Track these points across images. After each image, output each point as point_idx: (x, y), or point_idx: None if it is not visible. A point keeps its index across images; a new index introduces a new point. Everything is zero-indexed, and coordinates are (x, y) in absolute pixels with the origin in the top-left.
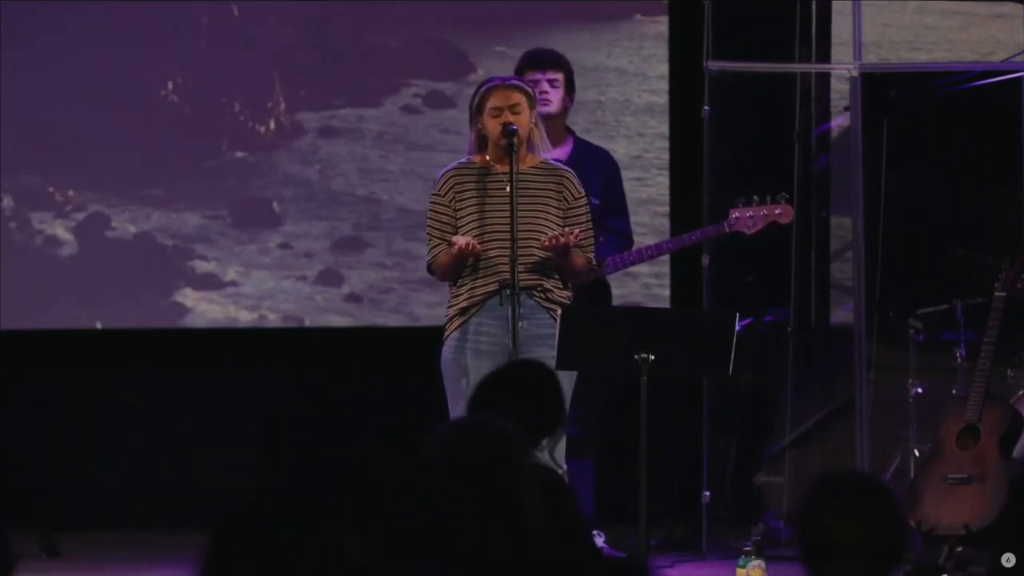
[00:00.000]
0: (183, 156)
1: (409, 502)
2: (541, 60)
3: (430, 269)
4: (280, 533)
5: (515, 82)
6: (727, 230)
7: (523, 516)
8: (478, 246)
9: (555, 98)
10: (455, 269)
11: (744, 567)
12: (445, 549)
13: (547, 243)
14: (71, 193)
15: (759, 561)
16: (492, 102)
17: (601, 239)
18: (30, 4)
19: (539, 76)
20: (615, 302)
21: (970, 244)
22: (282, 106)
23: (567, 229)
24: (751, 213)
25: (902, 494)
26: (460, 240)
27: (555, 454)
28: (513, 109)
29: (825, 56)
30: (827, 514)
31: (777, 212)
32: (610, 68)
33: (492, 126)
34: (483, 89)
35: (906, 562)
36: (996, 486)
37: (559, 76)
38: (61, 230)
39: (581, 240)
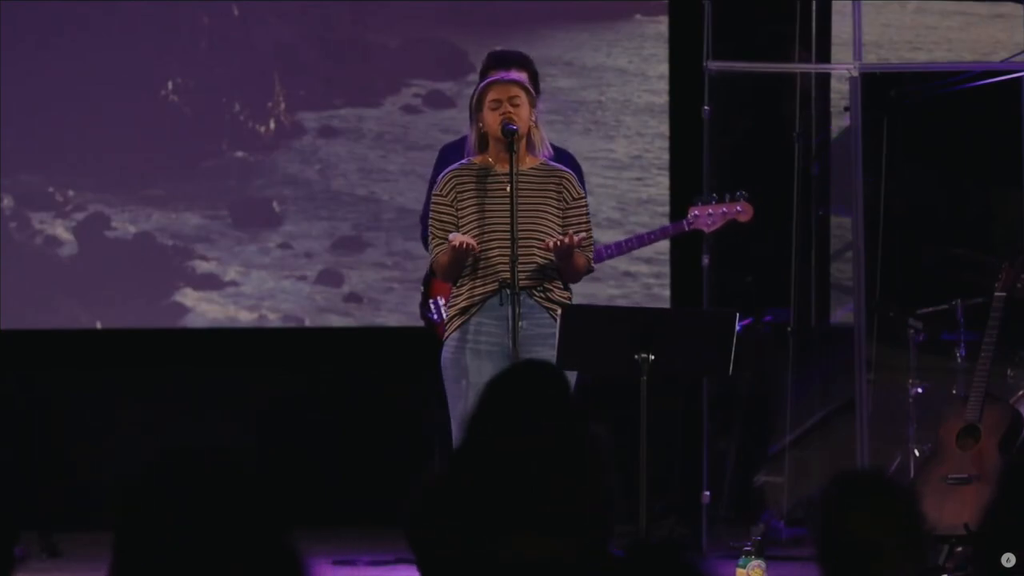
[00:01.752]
0: (183, 156)
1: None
2: (503, 59)
3: (432, 271)
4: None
5: (514, 78)
6: (687, 228)
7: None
8: (475, 244)
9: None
10: (454, 268)
11: (744, 567)
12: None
13: (551, 246)
14: (71, 193)
15: (759, 561)
16: (491, 96)
17: None
18: (30, 4)
19: (501, 74)
20: (615, 302)
21: (970, 244)
22: (282, 106)
23: (570, 232)
24: (710, 211)
25: None
26: (456, 238)
27: None
28: (512, 101)
29: (825, 56)
30: (852, 517)
31: (737, 210)
32: (610, 68)
33: (492, 119)
34: (481, 85)
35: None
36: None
37: (522, 76)
38: (61, 230)
39: (582, 242)
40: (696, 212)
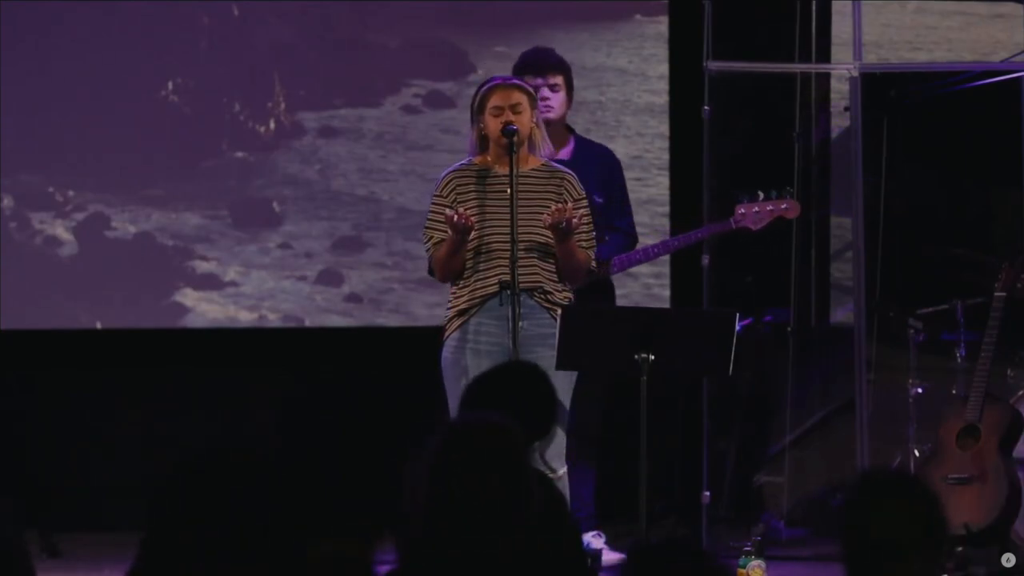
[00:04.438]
0: (183, 156)
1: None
2: (540, 65)
3: (431, 271)
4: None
5: (516, 81)
6: (733, 227)
7: (526, 517)
8: (471, 219)
9: (556, 103)
10: (452, 259)
11: (744, 567)
12: (443, 551)
13: (549, 218)
14: (71, 193)
15: (759, 561)
16: (493, 101)
17: (606, 238)
18: (30, 4)
19: (539, 82)
20: (616, 302)
21: (970, 244)
22: (282, 106)
23: (570, 205)
24: (757, 209)
25: None
26: (451, 212)
27: (547, 456)
28: (515, 109)
29: (825, 56)
30: (877, 517)
31: (783, 207)
32: (610, 68)
33: (493, 125)
34: (484, 88)
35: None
36: (996, 486)
37: (559, 80)
38: (61, 230)
39: (582, 240)
40: (742, 210)
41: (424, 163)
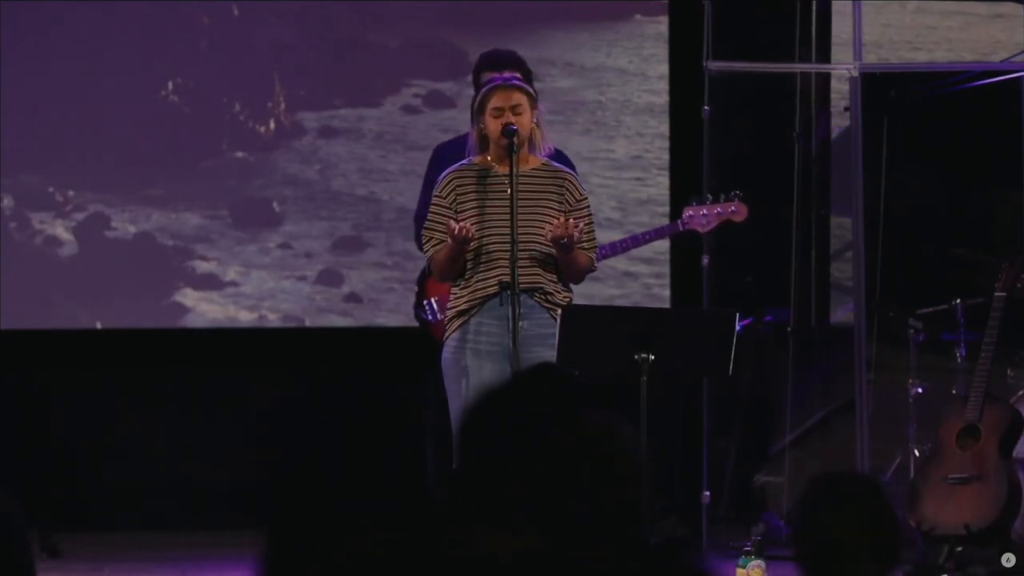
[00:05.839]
0: (183, 156)
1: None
2: (495, 61)
3: (429, 271)
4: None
5: (516, 82)
6: (681, 228)
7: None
8: (472, 230)
9: None
10: (452, 263)
11: (744, 567)
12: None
13: (550, 234)
14: (71, 193)
15: (759, 561)
16: (494, 102)
17: None
18: (30, 4)
19: (495, 77)
20: (615, 302)
21: (970, 244)
22: (282, 106)
23: (572, 221)
24: (705, 211)
25: (902, 494)
26: (455, 226)
27: None
28: (515, 110)
29: (825, 56)
30: (826, 516)
31: (731, 210)
32: (610, 68)
33: (493, 126)
34: (484, 89)
35: (905, 562)
36: (996, 486)
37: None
38: (61, 230)
39: (583, 242)
40: (691, 212)
41: (424, 163)
